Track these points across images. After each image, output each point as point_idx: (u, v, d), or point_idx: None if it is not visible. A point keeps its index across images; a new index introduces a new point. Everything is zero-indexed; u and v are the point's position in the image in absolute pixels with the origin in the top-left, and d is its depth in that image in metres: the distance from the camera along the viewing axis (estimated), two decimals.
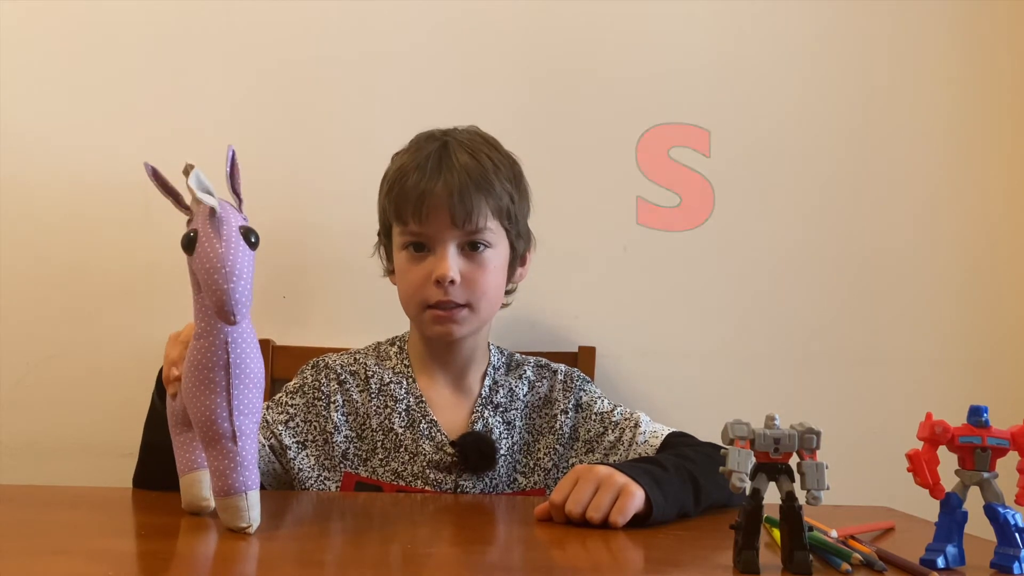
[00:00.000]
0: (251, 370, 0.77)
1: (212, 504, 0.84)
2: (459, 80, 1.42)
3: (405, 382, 1.14)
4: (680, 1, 1.45)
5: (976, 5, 1.47)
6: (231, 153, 0.77)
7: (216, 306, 0.73)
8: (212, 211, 0.74)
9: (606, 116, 1.43)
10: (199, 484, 0.86)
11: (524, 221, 1.17)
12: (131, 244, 1.37)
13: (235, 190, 0.78)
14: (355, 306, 1.40)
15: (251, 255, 0.75)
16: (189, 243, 0.74)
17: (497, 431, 1.13)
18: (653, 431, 1.12)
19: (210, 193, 0.74)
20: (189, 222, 0.76)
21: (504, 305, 1.19)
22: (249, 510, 0.78)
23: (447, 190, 1.07)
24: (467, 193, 1.07)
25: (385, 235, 1.16)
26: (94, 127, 1.38)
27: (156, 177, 0.76)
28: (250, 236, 0.75)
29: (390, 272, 1.18)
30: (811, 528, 0.75)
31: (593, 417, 1.15)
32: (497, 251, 1.12)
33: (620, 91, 1.44)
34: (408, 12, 1.41)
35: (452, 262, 1.07)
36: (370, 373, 1.15)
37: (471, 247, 1.09)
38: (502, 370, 1.19)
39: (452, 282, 1.07)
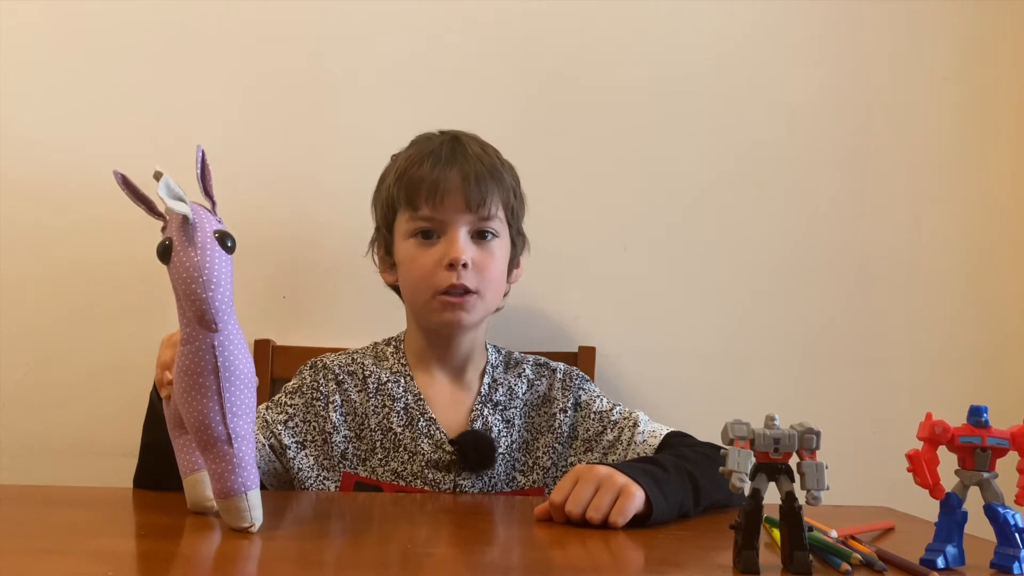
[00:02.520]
0: (241, 371, 0.77)
1: (216, 504, 0.84)
2: (459, 82, 1.42)
3: (403, 380, 1.14)
4: (678, 3, 1.45)
5: (977, 5, 1.47)
6: (200, 153, 0.75)
7: (196, 316, 0.72)
8: (185, 218, 0.72)
9: (606, 116, 1.43)
10: (202, 485, 0.85)
11: (521, 223, 1.19)
12: (131, 244, 1.36)
13: (208, 192, 0.77)
14: (355, 306, 1.40)
15: (228, 260, 0.73)
16: (164, 252, 0.73)
17: (496, 429, 1.13)
18: (652, 430, 1.12)
19: (182, 200, 0.72)
20: (163, 229, 0.75)
21: (497, 308, 1.19)
22: (250, 510, 0.78)
23: (462, 175, 1.09)
24: (482, 179, 1.10)
25: (386, 229, 1.16)
26: (94, 128, 1.37)
27: (126, 185, 0.74)
28: (226, 241, 0.73)
29: (389, 267, 1.17)
30: (811, 528, 0.75)
31: (592, 416, 1.15)
32: (502, 243, 1.13)
33: (620, 92, 1.43)
34: (408, 15, 1.41)
35: (464, 245, 1.08)
36: (368, 373, 1.15)
37: (480, 235, 1.10)
38: (500, 368, 1.19)
39: (465, 265, 1.07)
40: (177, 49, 1.39)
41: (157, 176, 0.71)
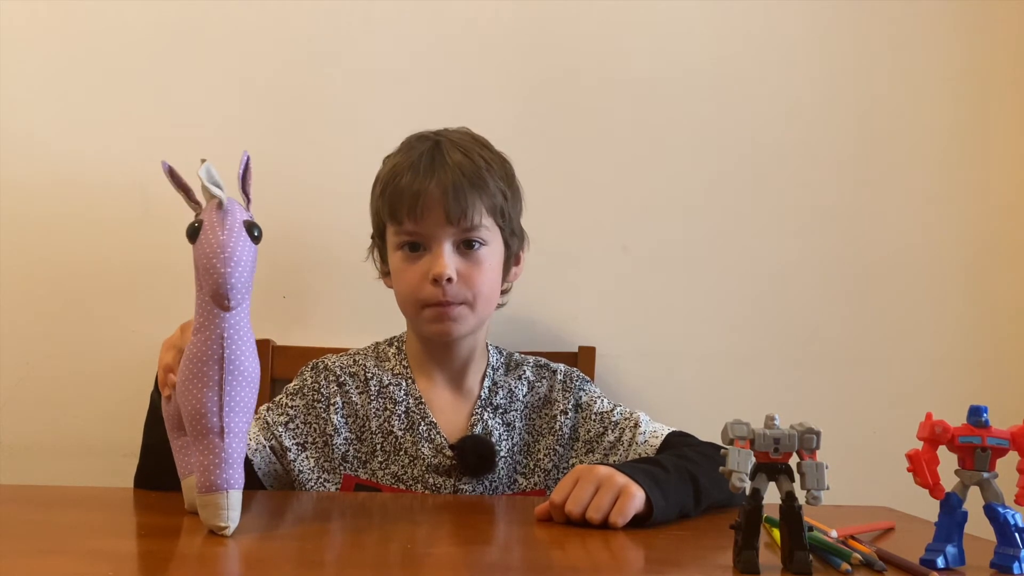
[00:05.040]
0: (245, 368, 0.78)
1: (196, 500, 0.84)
2: (458, 82, 1.42)
3: (404, 383, 1.14)
4: (678, 3, 1.45)
5: (978, 5, 1.47)
6: (246, 157, 0.79)
7: (212, 290, 0.74)
8: (220, 204, 0.75)
9: (606, 117, 1.43)
10: None
11: (517, 220, 1.17)
12: (130, 244, 1.37)
13: (245, 191, 0.79)
14: (355, 306, 1.40)
15: (253, 248, 0.76)
16: (193, 232, 0.75)
17: (497, 433, 1.13)
18: (653, 431, 1.12)
19: (219, 187, 0.76)
20: (197, 215, 0.77)
21: (500, 305, 1.19)
22: (229, 509, 0.77)
23: (441, 188, 1.07)
24: (461, 190, 1.07)
25: (379, 237, 1.16)
26: (93, 127, 1.37)
27: (172, 175, 0.77)
28: (253, 230, 0.76)
29: (385, 274, 1.17)
30: (811, 528, 0.76)
31: (593, 417, 1.15)
32: (492, 249, 1.12)
33: (620, 93, 1.43)
34: (408, 16, 1.41)
35: (448, 260, 1.07)
36: (369, 375, 1.15)
37: (466, 245, 1.09)
38: (501, 370, 1.19)
39: (449, 280, 1.07)
40: (177, 49, 1.39)
41: (202, 163, 0.75)
